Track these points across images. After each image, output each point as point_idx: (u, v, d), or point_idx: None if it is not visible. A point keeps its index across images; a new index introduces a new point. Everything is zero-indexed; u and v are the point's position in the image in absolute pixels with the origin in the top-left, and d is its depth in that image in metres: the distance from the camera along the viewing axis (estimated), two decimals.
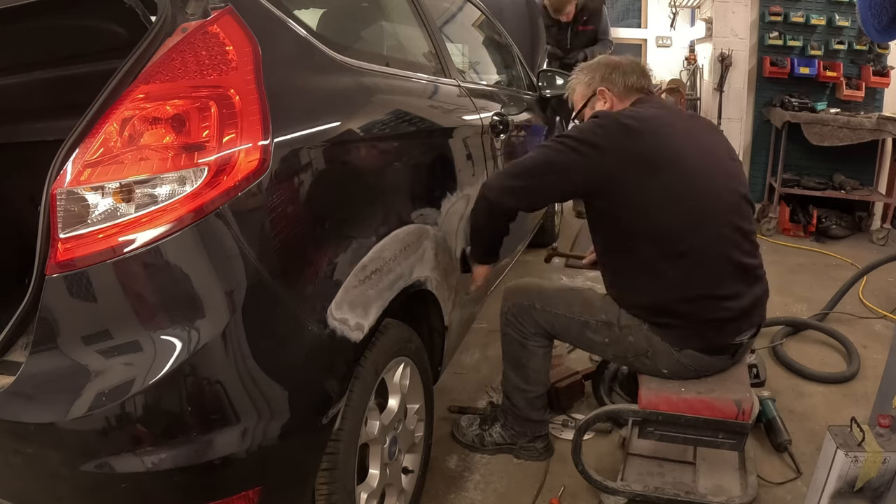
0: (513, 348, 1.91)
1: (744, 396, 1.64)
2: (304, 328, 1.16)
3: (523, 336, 1.87)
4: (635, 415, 1.70)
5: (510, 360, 1.93)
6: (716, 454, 1.89)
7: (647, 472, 1.88)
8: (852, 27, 4.70)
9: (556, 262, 3.91)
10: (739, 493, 1.76)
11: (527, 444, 2.00)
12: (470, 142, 2.09)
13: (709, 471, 1.87)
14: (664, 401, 1.67)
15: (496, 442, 2.03)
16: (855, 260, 3.97)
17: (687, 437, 1.70)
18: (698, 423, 1.65)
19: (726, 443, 1.68)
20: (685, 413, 1.66)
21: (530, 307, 1.85)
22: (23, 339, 1.06)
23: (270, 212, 1.08)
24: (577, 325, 1.79)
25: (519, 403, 1.95)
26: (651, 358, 1.71)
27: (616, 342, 1.74)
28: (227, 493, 1.09)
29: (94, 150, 0.98)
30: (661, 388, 1.70)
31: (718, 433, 1.66)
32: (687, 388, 1.68)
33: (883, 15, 1.27)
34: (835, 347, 2.78)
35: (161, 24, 1.04)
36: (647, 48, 7.80)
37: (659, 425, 1.69)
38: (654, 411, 1.67)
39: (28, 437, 1.01)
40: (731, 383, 1.71)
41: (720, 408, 1.64)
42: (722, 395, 1.66)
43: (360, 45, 1.72)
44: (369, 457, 1.48)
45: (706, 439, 1.68)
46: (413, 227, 1.56)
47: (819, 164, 4.79)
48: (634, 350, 1.72)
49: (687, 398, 1.66)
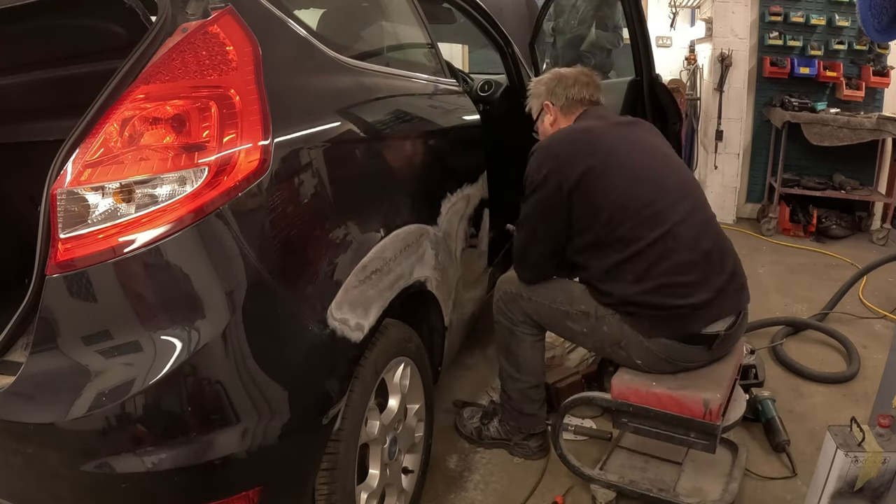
0: (503, 336, 1.95)
1: (713, 396, 1.59)
2: (304, 328, 1.16)
3: (512, 323, 1.91)
4: (607, 403, 1.71)
5: (502, 348, 1.96)
6: (707, 458, 1.84)
7: (630, 466, 1.90)
8: (852, 27, 4.70)
9: None
10: (712, 497, 1.73)
11: (521, 441, 2.01)
12: (470, 142, 2.09)
13: (694, 473, 1.86)
14: (633, 392, 1.67)
15: (492, 437, 2.06)
16: (855, 260, 3.97)
17: (659, 431, 1.67)
18: (668, 418, 1.64)
19: (698, 443, 1.63)
20: (654, 406, 1.65)
21: (518, 296, 1.89)
22: (23, 340, 1.06)
23: (271, 212, 1.09)
24: (559, 315, 1.82)
25: (513, 395, 1.96)
26: (625, 348, 1.72)
27: (593, 331, 1.77)
28: (227, 494, 1.09)
29: (95, 151, 0.98)
30: (633, 379, 1.70)
31: (690, 431, 1.63)
32: (659, 381, 1.67)
33: (883, 15, 1.27)
34: (835, 347, 2.78)
35: (161, 24, 1.04)
36: None
37: (632, 417, 1.69)
38: (624, 402, 1.68)
39: (28, 437, 1.01)
40: (706, 382, 1.66)
41: (688, 405, 1.61)
42: (692, 392, 1.62)
43: (360, 45, 1.72)
44: (369, 457, 1.48)
45: (678, 437, 1.65)
46: (413, 227, 1.56)
47: (819, 164, 4.79)
48: (610, 340, 1.74)
49: (656, 392, 1.64)
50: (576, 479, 1.89)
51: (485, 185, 2.18)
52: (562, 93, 1.90)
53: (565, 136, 1.81)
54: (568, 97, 1.89)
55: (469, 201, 2.01)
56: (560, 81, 1.91)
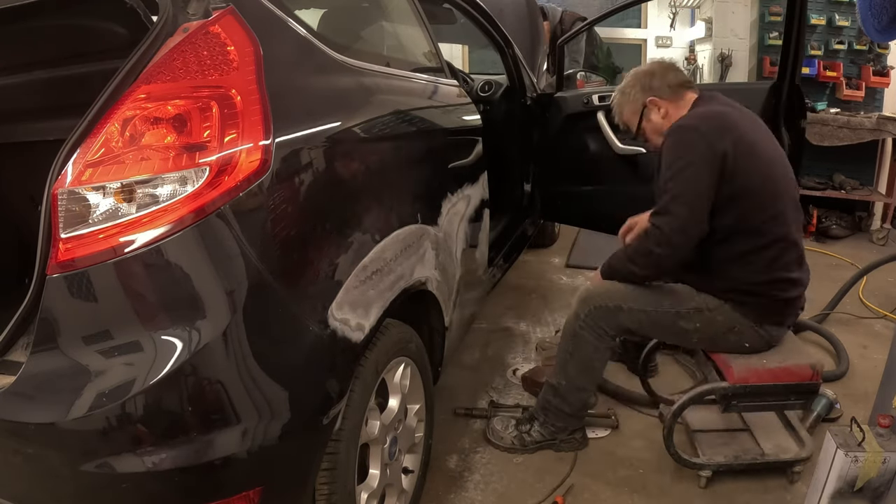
0: (586, 351, 1.90)
1: (816, 360, 1.84)
2: (304, 328, 1.16)
3: (599, 338, 1.88)
4: (725, 390, 1.82)
5: (580, 362, 1.92)
6: (756, 416, 2.10)
7: (717, 444, 2.01)
8: (852, 27, 4.70)
9: (556, 262, 3.93)
10: (797, 448, 1.95)
11: (567, 437, 2.05)
12: (470, 142, 2.09)
13: (763, 434, 2.05)
14: (753, 373, 1.81)
15: (536, 441, 2.05)
16: (855, 260, 3.97)
17: (766, 404, 1.87)
18: (779, 389, 1.83)
19: (797, 403, 1.89)
20: (770, 382, 1.81)
21: (617, 309, 1.85)
22: (23, 339, 1.06)
23: (271, 212, 1.08)
24: (668, 318, 1.85)
25: (574, 403, 1.97)
26: (737, 333, 1.82)
27: (707, 325, 1.83)
28: (227, 494, 1.09)
29: (96, 150, 0.98)
30: (747, 362, 1.83)
31: (791, 395, 1.84)
32: (768, 359, 1.84)
33: (883, 15, 1.27)
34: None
35: (162, 24, 1.04)
36: (647, 48, 7.79)
37: (743, 398, 1.83)
38: (743, 385, 1.81)
39: (28, 437, 1.01)
40: (796, 351, 1.89)
41: (797, 372, 1.82)
42: (797, 361, 1.83)
43: (361, 45, 1.72)
44: (370, 457, 1.48)
45: (780, 403, 1.89)
46: (414, 228, 1.56)
47: (819, 164, 4.79)
48: (724, 328, 1.82)
49: (771, 368, 1.82)
50: (576, 478, 1.90)
51: (485, 185, 2.18)
52: (661, 84, 1.89)
53: (704, 114, 1.79)
54: (671, 85, 1.89)
55: (469, 201, 2.01)
56: (652, 76, 1.90)
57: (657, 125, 1.92)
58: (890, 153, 4.63)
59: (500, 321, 3.03)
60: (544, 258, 3.99)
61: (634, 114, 1.96)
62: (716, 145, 1.68)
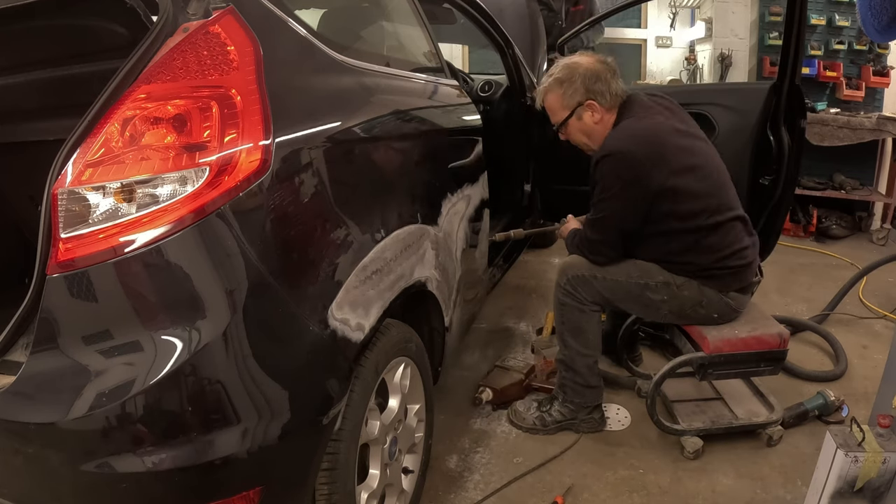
0: (573, 316, 2.02)
1: (781, 329, 1.98)
2: (304, 328, 1.16)
3: (581, 303, 1.99)
4: (702, 360, 1.95)
5: (570, 328, 2.03)
6: (728, 386, 2.27)
7: (694, 412, 2.15)
8: (852, 27, 4.70)
9: (556, 262, 3.92)
10: (767, 412, 2.11)
11: (586, 416, 2.10)
12: (470, 142, 2.09)
13: (735, 401, 2.19)
14: (726, 343, 1.94)
15: (556, 420, 2.11)
16: (855, 260, 3.97)
17: (738, 371, 2.00)
18: (751, 357, 1.96)
19: (766, 370, 2.01)
20: (742, 350, 1.94)
21: (591, 278, 1.97)
22: (23, 339, 1.06)
23: (271, 212, 1.09)
24: (636, 288, 1.95)
25: (582, 370, 2.05)
26: (705, 306, 1.94)
27: (673, 297, 1.94)
28: (227, 494, 1.09)
29: (96, 150, 0.98)
30: (720, 333, 1.96)
31: (761, 362, 1.98)
32: (738, 329, 1.97)
33: (883, 15, 1.27)
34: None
35: (162, 24, 1.04)
36: (646, 48, 7.78)
37: (718, 366, 1.95)
38: (718, 353, 1.94)
39: (29, 437, 1.01)
40: (763, 320, 2.03)
41: (766, 340, 1.96)
42: (766, 330, 1.97)
43: (361, 44, 1.72)
44: (370, 457, 1.48)
45: (752, 370, 2.00)
46: (414, 228, 1.56)
47: (819, 164, 4.78)
48: (690, 301, 1.94)
49: (742, 338, 1.95)
50: (576, 478, 1.90)
51: (485, 185, 2.18)
52: (604, 90, 1.91)
53: (639, 133, 1.84)
54: (613, 94, 1.92)
55: (469, 201, 2.02)
56: (597, 79, 1.91)
57: (588, 128, 1.96)
58: (890, 153, 4.63)
59: (500, 321, 3.04)
60: (544, 258, 3.99)
61: (566, 108, 1.97)
62: (650, 180, 1.79)
